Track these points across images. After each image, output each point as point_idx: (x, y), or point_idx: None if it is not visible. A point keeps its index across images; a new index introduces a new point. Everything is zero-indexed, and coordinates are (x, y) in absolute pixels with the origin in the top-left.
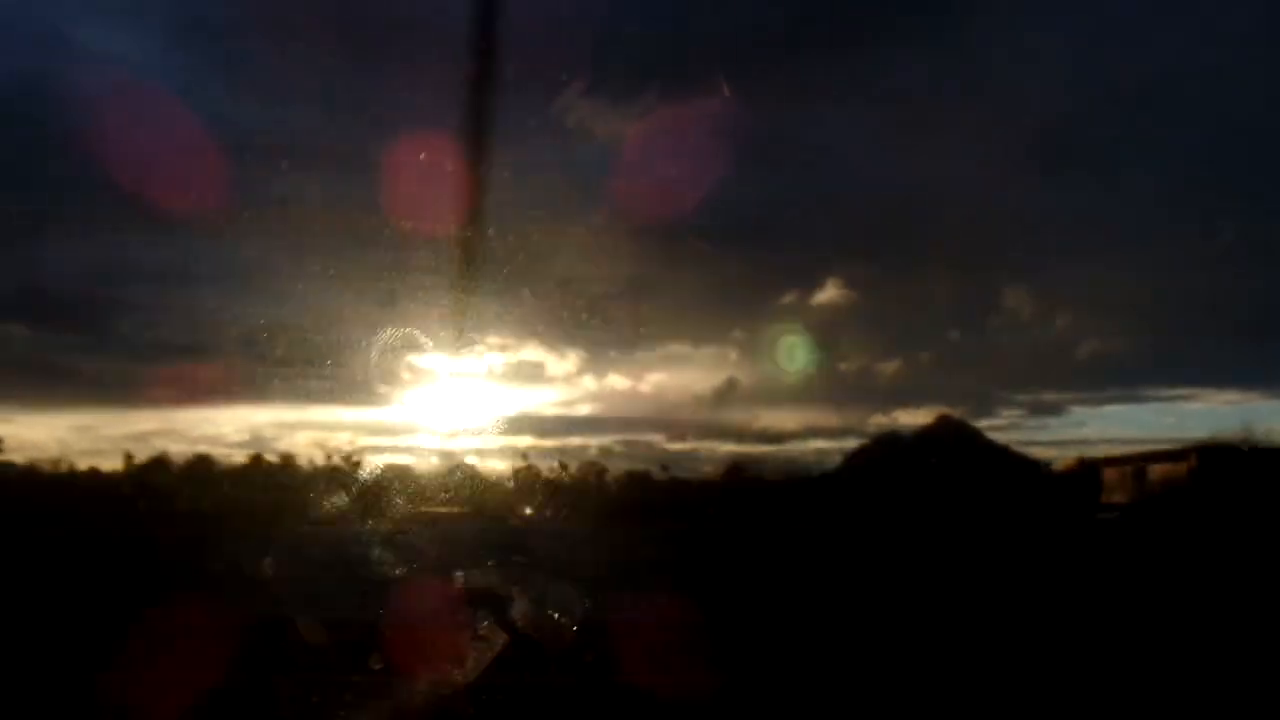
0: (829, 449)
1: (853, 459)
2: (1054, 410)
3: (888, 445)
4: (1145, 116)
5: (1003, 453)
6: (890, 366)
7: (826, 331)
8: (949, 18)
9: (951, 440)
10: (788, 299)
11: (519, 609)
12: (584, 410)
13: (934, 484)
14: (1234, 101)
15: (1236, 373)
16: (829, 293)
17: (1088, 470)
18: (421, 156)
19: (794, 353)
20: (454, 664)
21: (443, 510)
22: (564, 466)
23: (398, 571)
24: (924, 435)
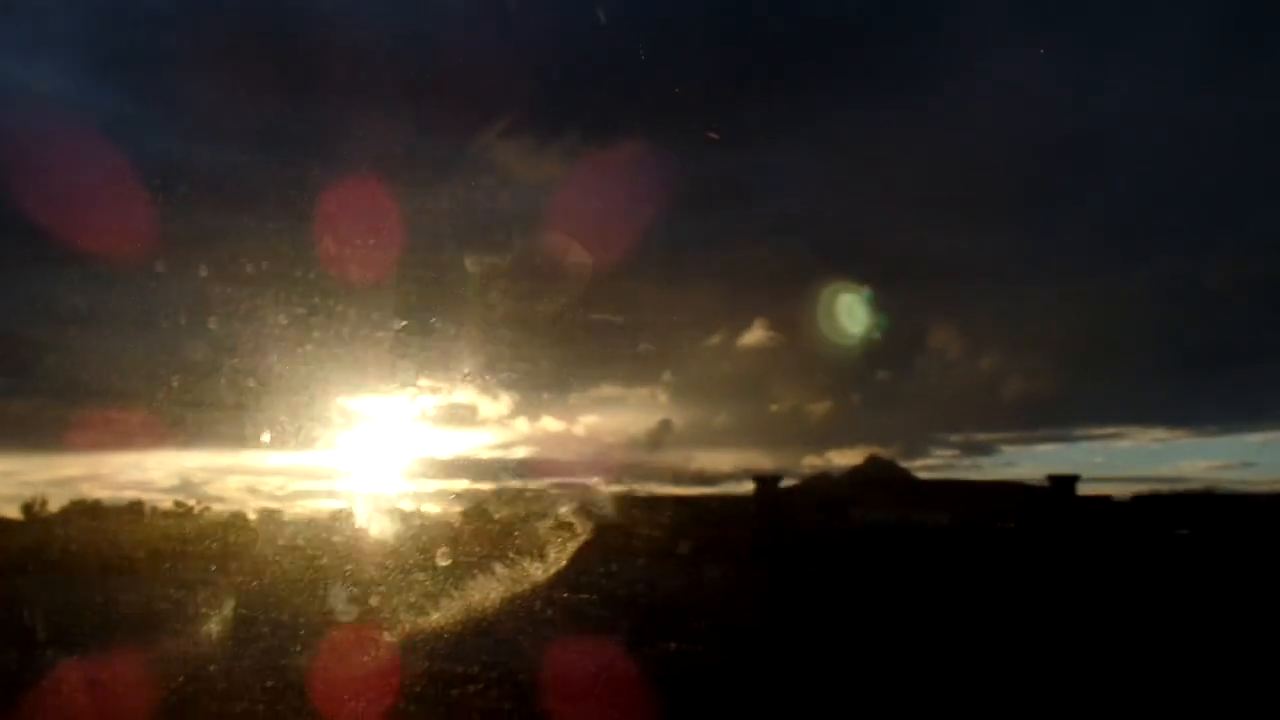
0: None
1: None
2: (986, 450)
3: (817, 485)
4: (1069, 163)
5: (930, 489)
6: (821, 408)
7: (754, 373)
8: (881, 66)
9: (879, 480)
10: (715, 340)
11: None
12: (519, 453)
13: (862, 521)
14: (1157, 150)
15: (1163, 411)
16: (755, 334)
17: None
18: (352, 199)
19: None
20: None
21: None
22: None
23: None
24: (852, 475)
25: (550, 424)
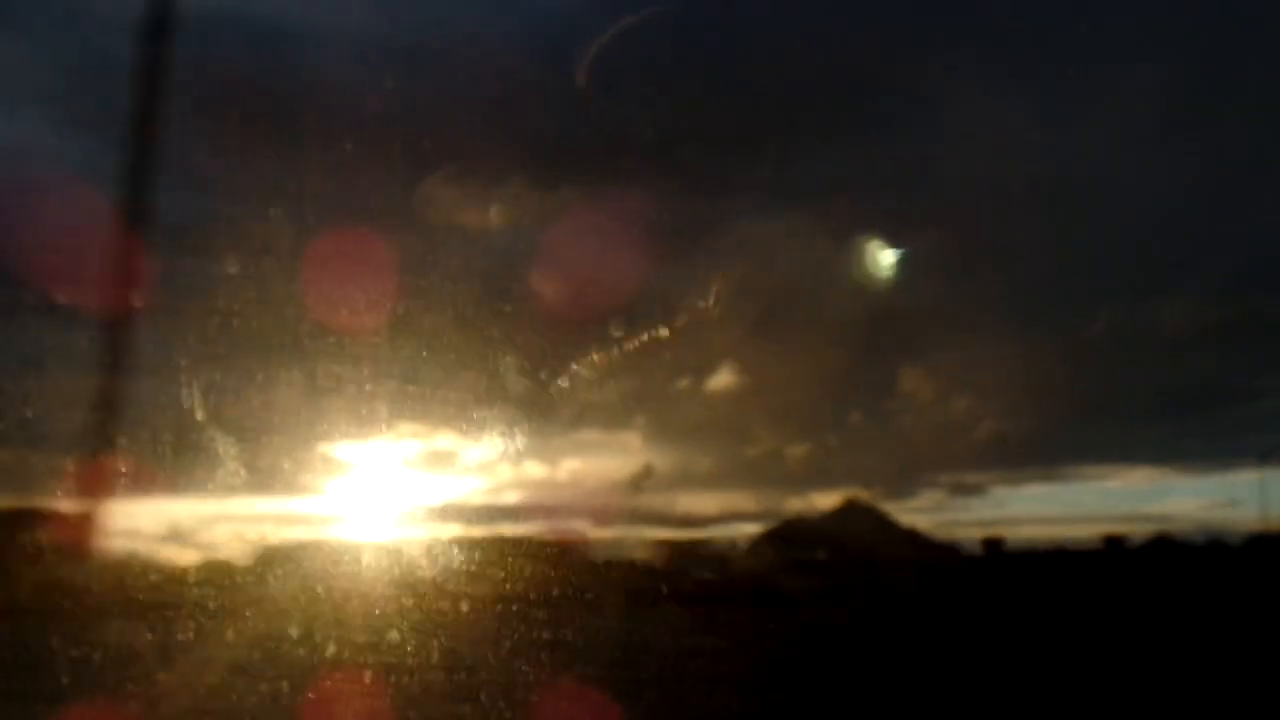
0: (753, 532)
1: (758, 543)
2: (976, 491)
3: (793, 528)
4: (1050, 208)
5: (908, 535)
6: (799, 450)
7: (727, 415)
8: (853, 115)
9: (857, 523)
10: (682, 384)
11: None
12: (507, 498)
13: (833, 565)
14: (1137, 192)
15: (1150, 451)
16: (723, 378)
17: None
18: (336, 246)
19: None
20: None
21: None
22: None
23: None
24: (830, 518)
25: (533, 468)
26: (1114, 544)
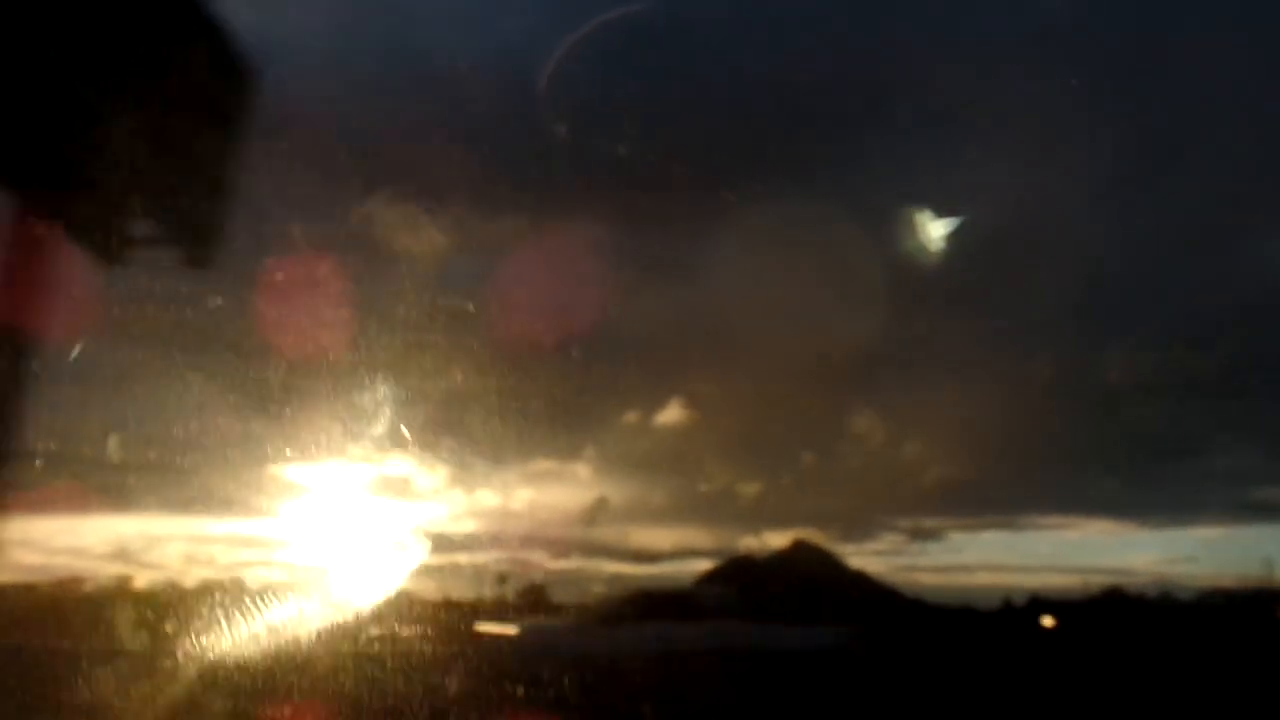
0: (704, 568)
1: (701, 582)
2: (934, 536)
3: (739, 568)
4: (1010, 255)
5: (854, 577)
6: (751, 488)
7: (679, 451)
8: (816, 153)
9: (805, 564)
10: (630, 418)
11: None
12: (465, 527)
13: (781, 607)
14: (1095, 243)
15: (1108, 504)
16: (673, 413)
17: None
18: (294, 270)
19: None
20: None
21: None
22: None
23: None
24: (778, 557)
25: (487, 497)
26: (1056, 598)
